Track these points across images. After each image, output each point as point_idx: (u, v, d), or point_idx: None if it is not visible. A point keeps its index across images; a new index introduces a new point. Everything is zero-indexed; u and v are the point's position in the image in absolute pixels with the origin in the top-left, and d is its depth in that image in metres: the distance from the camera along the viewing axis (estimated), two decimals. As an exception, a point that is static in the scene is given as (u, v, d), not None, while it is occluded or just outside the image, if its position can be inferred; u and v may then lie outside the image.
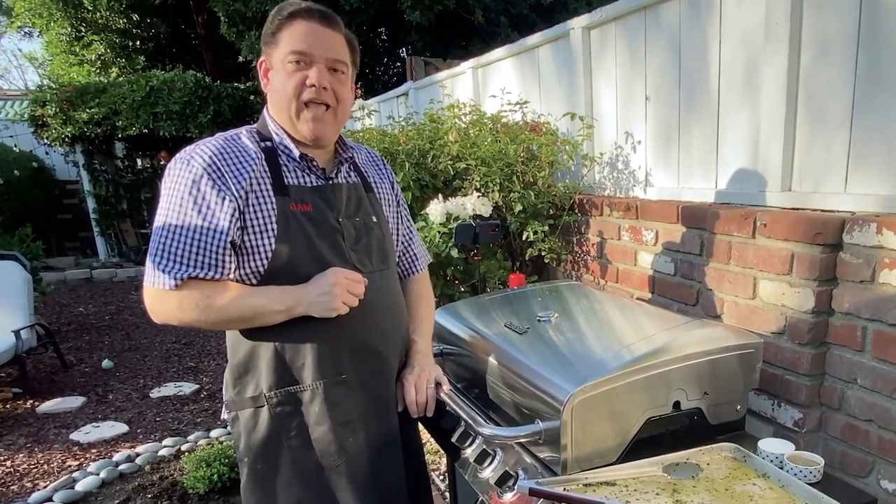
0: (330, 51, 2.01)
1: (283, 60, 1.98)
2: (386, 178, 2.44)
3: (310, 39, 1.98)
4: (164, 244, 1.92)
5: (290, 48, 1.97)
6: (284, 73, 1.99)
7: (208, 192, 1.91)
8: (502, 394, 2.29)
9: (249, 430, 2.08)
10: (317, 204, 2.08)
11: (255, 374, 2.05)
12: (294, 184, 2.06)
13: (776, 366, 2.65)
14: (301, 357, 2.03)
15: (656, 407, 2.05)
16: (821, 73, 2.67)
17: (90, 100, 12.82)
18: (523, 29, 12.86)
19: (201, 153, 1.95)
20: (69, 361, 7.63)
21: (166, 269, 1.91)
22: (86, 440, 5.43)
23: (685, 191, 3.52)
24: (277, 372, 2.03)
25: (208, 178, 1.91)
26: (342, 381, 2.08)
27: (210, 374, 7.02)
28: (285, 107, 2.02)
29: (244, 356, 2.06)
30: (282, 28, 1.99)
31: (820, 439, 2.60)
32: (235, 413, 2.11)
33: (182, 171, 1.93)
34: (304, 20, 1.98)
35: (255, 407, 2.06)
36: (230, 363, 2.10)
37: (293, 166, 2.08)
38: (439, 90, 6.67)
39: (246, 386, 2.07)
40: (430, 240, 3.99)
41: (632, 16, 3.82)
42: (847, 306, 2.39)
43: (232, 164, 1.96)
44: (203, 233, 1.91)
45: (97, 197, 14.26)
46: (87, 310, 10.54)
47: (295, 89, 1.98)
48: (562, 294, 3.01)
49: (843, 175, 2.62)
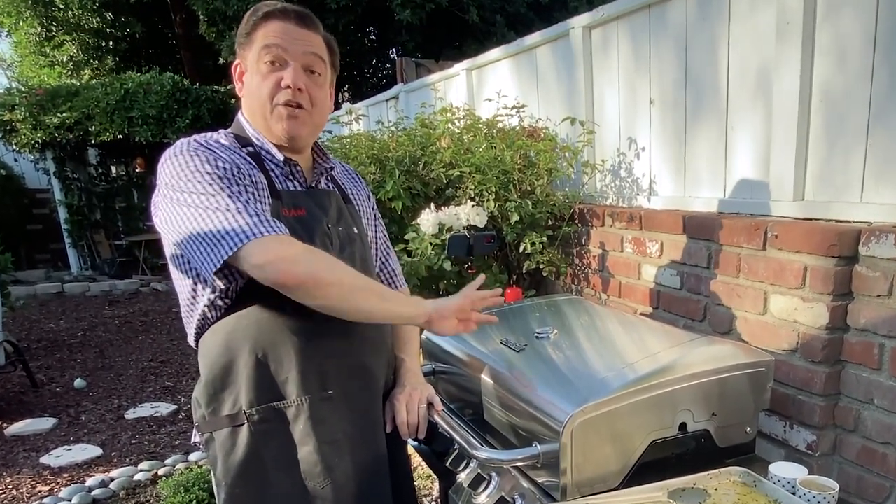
0: (306, 51, 2.02)
1: (256, 61, 1.99)
2: (362, 189, 2.46)
3: (285, 39, 1.98)
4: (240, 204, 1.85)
5: (264, 49, 1.98)
6: (259, 74, 1.99)
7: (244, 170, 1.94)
8: (498, 415, 2.29)
9: (227, 452, 2.03)
10: (310, 209, 2.08)
11: (234, 389, 2.02)
12: (284, 188, 2.06)
13: (788, 385, 2.65)
14: (285, 370, 2.00)
15: (661, 429, 2.05)
16: (836, 76, 2.68)
17: (61, 103, 12.82)
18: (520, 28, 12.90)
19: (213, 148, 1.96)
20: (39, 381, 7.59)
21: (262, 220, 1.84)
22: (57, 464, 5.40)
23: (692, 200, 3.52)
24: (259, 386, 2.00)
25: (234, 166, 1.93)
26: (328, 396, 2.05)
27: (189, 394, 6.93)
28: (259, 110, 2.03)
29: (220, 370, 2.02)
30: (256, 28, 2.00)
31: (834, 463, 2.60)
32: (209, 434, 2.07)
33: (200, 152, 1.93)
34: (280, 20, 1.99)
35: (234, 426, 2.02)
36: (204, 379, 2.06)
37: (279, 171, 2.08)
38: (431, 93, 6.68)
39: (222, 403, 2.04)
40: (422, 252, 3.98)
41: (635, 14, 3.83)
42: (863, 322, 2.39)
43: (241, 163, 1.97)
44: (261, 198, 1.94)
45: (69, 206, 14.24)
46: (59, 326, 10.50)
47: (270, 91, 1.99)
48: (561, 309, 3.01)
49: (859, 184, 2.62)
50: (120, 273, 14.18)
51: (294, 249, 1.84)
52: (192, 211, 1.84)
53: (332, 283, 1.86)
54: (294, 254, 1.83)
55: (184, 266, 2.01)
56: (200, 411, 2.08)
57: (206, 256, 1.81)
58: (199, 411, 2.09)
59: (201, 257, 1.83)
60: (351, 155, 4.55)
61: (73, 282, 13.68)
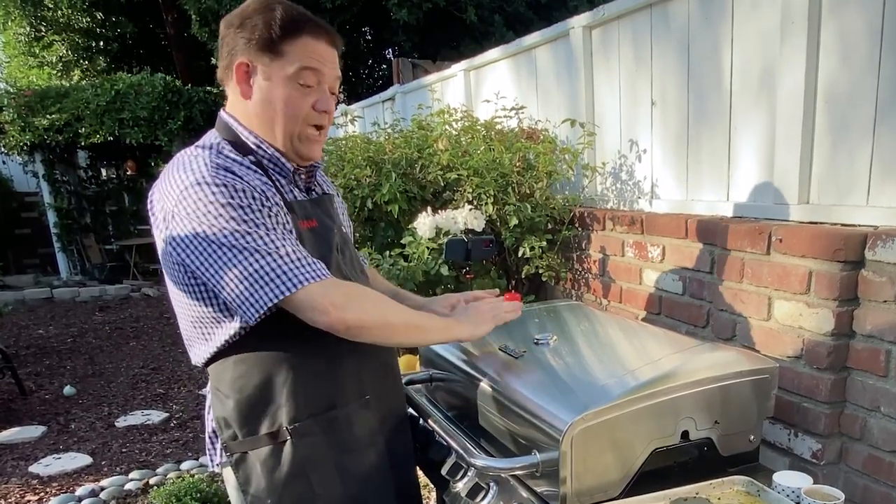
0: (335, 76, 2.06)
1: (291, 77, 1.97)
2: (331, 186, 2.48)
3: (323, 63, 2.00)
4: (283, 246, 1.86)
5: (307, 70, 1.97)
6: (292, 90, 1.98)
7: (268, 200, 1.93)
8: (496, 422, 2.28)
9: (271, 469, 2.04)
10: (320, 218, 2.11)
11: (272, 407, 2.03)
12: (292, 199, 2.06)
13: (793, 393, 2.65)
14: (324, 382, 2.06)
15: (663, 437, 2.04)
16: (841, 76, 2.68)
17: (51, 105, 12.82)
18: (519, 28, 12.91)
19: (233, 171, 1.91)
20: (28, 388, 7.57)
21: (307, 264, 1.87)
22: (46, 473, 5.39)
23: (694, 203, 3.52)
24: (299, 402, 2.02)
25: (260, 194, 1.91)
26: (366, 401, 2.14)
27: (180, 402, 6.99)
28: (285, 125, 2.01)
29: (255, 390, 2.02)
30: (292, 38, 1.95)
31: (840, 472, 2.59)
32: (240, 454, 2.06)
33: (227, 181, 1.87)
34: (319, 40, 1.99)
35: (275, 443, 2.03)
36: (235, 401, 2.03)
37: (284, 180, 2.08)
38: (428, 94, 6.67)
39: (261, 423, 2.04)
40: (419, 256, 3.98)
41: (637, 14, 3.84)
42: (870, 328, 2.38)
43: (258, 183, 1.93)
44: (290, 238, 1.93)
45: (58, 210, 14.22)
46: (48, 332, 10.48)
47: (307, 111, 2.01)
48: (561, 315, 3.01)
49: (865, 186, 2.62)
50: (110, 278, 14.17)
51: (339, 294, 1.89)
52: (230, 253, 1.82)
53: (377, 325, 1.96)
54: (341, 301, 1.88)
55: (202, 294, 1.97)
56: (230, 431, 2.07)
57: (248, 302, 1.82)
58: (229, 431, 2.07)
59: (242, 301, 1.83)
60: (346, 157, 4.56)
61: (62, 287, 13.67)
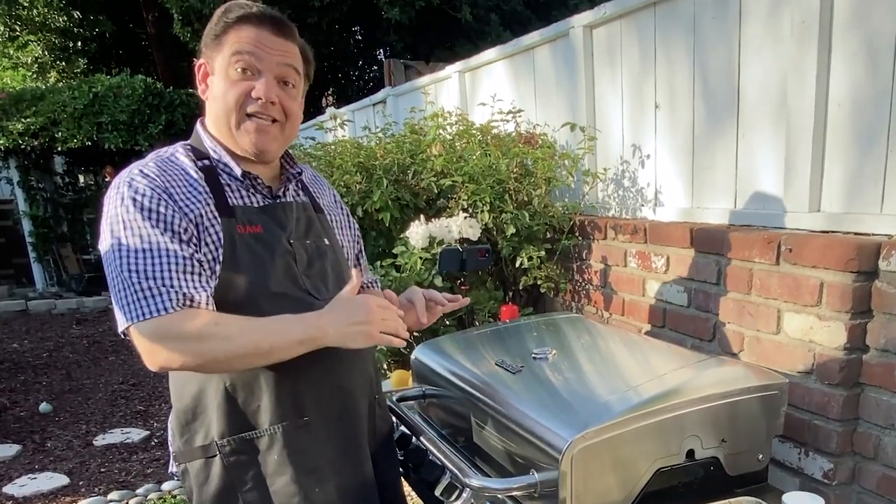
0: (281, 61, 2.02)
1: (226, 66, 1.98)
2: (328, 193, 2.46)
3: (259, 47, 1.97)
4: (140, 269, 1.84)
5: (236, 55, 1.97)
6: (227, 80, 1.98)
7: (168, 213, 1.89)
8: (493, 441, 2.28)
9: (201, 484, 2.04)
10: (266, 224, 2.07)
11: (204, 419, 2.03)
12: (239, 204, 2.05)
13: (803, 409, 2.65)
14: (255, 398, 2.01)
15: (667, 456, 2.04)
16: (855, 79, 2.69)
17: (25, 108, 12.76)
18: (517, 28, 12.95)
19: (143, 180, 1.91)
20: (2, 405, 7.55)
21: (153, 296, 1.83)
22: (21, 494, 5.36)
23: (700, 211, 3.52)
24: (229, 416, 2.00)
25: (164, 202, 1.89)
26: (304, 423, 2.06)
27: (161, 419, 6.97)
28: (224, 117, 2.01)
29: (190, 400, 2.03)
30: (227, 31, 1.98)
31: (853, 493, 2.60)
32: (185, 465, 2.08)
33: (126, 195, 1.88)
34: (255, 26, 1.98)
35: (206, 457, 2.03)
36: (175, 408, 2.08)
37: (236, 185, 2.07)
38: (421, 97, 6.68)
39: (195, 434, 2.05)
40: (411, 267, 3.98)
41: (640, 13, 3.85)
42: (884, 342, 2.39)
43: (181, 190, 1.94)
44: (175, 255, 1.86)
45: (34, 218, 14.16)
46: (23, 346, 10.44)
47: (237, 99, 1.98)
48: (560, 328, 3.01)
49: (879, 193, 2.63)
50: (88, 290, 14.11)
51: (147, 344, 1.87)
52: (109, 267, 1.88)
53: (197, 358, 1.85)
54: (147, 347, 1.87)
55: None
56: (176, 441, 2.09)
57: (118, 316, 1.90)
58: (175, 441, 2.10)
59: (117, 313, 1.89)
60: (335, 163, 4.56)
61: (37, 299, 13.62)
